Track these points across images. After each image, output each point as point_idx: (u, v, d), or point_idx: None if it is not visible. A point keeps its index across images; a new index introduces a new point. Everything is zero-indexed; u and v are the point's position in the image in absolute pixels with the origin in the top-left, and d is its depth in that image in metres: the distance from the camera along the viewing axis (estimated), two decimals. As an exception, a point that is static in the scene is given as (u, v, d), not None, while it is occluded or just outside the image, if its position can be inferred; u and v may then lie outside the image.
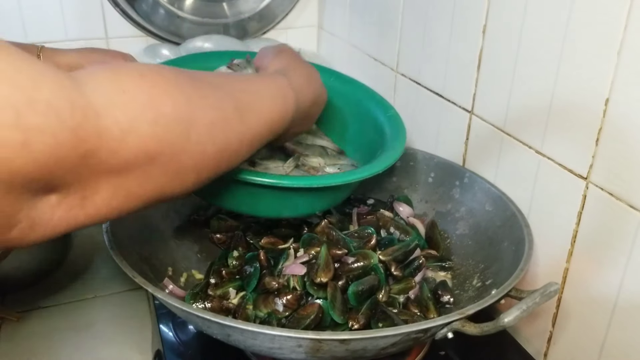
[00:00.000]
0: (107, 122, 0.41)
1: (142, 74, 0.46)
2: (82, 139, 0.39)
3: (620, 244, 0.66)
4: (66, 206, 0.42)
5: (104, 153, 0.41)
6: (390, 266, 0.78)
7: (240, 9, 1.33)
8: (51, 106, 0.37)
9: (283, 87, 0.67)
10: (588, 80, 0.67)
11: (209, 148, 0.51)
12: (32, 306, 0.89)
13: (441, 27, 0.93)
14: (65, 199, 0.41)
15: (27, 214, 0.40)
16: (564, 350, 0.76)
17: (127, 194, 0.45)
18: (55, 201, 0.41)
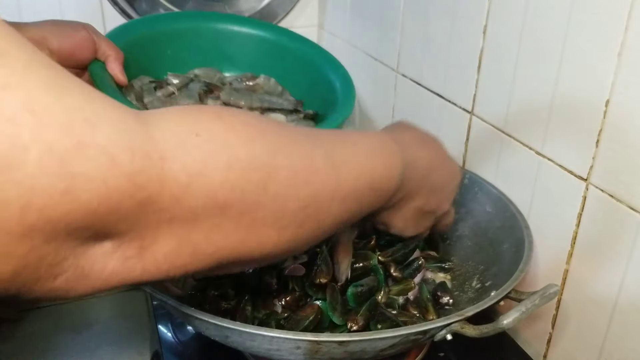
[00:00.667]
0: (173, 167, 0.36)
1: (220, 115, 0.42)
2: (140, 185, 0.35)
3: (621, 246, 0.66)
4: (121, 256, 0.37)
5: (166, 201, 0.36)
6: (389, 267, 0.78)
7: (240, 8, 1.33)
8: (105, 151, 0.33)
9: (386, 140, 0.59)
10: (588, 82, 0.67)
11: (291, 202, 0.45)
12: (31, 306, 0.89)
13: (442, 28, 0.93)
14: (121, 247, 0.37)
15: (75, 263, 0.35)
16: (564, 352, 0.76)
17: (194, 250, 0.40)
18: (110, 249, 0.37)
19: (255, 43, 1.00)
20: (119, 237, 0.36)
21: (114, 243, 0.36)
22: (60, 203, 0.31)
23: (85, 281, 0.37)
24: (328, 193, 0.48)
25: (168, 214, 0.37)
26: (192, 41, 1.05)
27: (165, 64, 1.04)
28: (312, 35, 1.44)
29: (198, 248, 0.40)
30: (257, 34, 0.98)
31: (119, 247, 0.37)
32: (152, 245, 0.38)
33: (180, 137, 0.38)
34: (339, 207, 0.50)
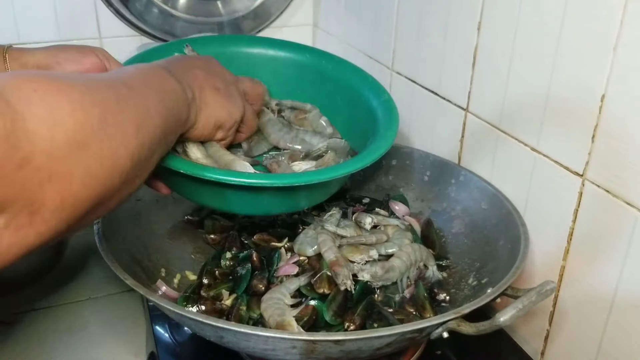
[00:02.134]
0: (33, 123, 0.40)
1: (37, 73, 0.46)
2: (14, 146, 0.38)
3: (617, 241, 0.65)
4: (14, 227, 0.40)
5: (39, 158, 0.40)
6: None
7: (234, 8, 1.32)
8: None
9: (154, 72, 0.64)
10: (584, 77, 0.66)
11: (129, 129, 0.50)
12: (26, 308, 0.88)
13: (436, 25, 0.92)
14: (13, 220, 0.40)
15: None
16: (562, 349, 0.76)
17: (74, 200, 0.44)
18: (3, 224, 0.40)
19: (294, 68, 0.94)
20: (11, 208, 0.39)
21: (7, 216, 0.40)
22: None
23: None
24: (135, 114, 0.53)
25: (46, 172, 0.41)
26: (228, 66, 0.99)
27: None
28: (307, 34, 1.44)
29: (77, 195, 0.44)
30: (294, 58, 0.92)
31: (12, 219, 0.40)
32: (40, 208, 0.41)
33: (26, 96, 0.41)
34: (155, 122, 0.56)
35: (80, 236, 1.02)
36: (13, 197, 0.39)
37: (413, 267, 0.80)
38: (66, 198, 0.43)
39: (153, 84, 0.60)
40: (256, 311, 0.73)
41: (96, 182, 0.46)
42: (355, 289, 0.74)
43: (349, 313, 0.72)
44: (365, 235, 0.82)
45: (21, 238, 0.41)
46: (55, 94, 0.44)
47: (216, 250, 0.87)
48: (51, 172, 0.41)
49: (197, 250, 0.89)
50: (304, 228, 0.85)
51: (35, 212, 0.41)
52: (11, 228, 0.40)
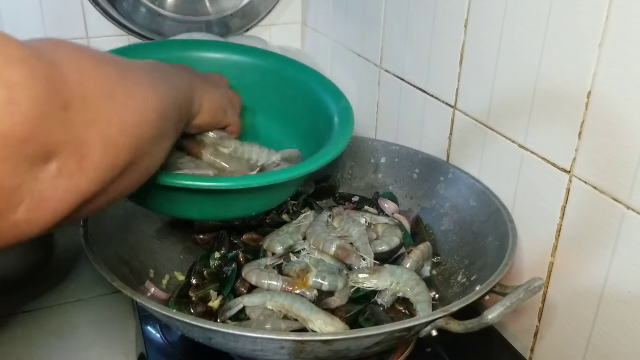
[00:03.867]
0: (64, 69, 0.42)
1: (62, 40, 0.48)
2: (55, 89, 0.40)
3: (605, 237, 0.65)
4: (67, 173, 0.41)
5: (77, 101, 0.42)
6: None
7: (222, 6, 1.32)
8: (24, 61, 0.38)
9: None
10: (570, 73, 0.67)
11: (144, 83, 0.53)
12: (14, 310, 0.88)
13: (423, 22, 0.92)
14: (65, 165, 0.41)
15: (30, 188, 0.39)
16: (551, 345, 0.76)
17: (115, 146, 0.46)
18: (55, 170, 0.41)
19: (256, 73, 0.93)
20: (62, 153, 0.41)
21: (59, 162, 0.41)
22: (8, 114, 0.36)
23: (44, 206, 0.41)
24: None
25: (86, 115, 0.42)
26: None
27: None
28: (295, 32, 1.44)
29: (117, 141, 0.46)
30: (257, 63, 0.92)
31: (63, 164, 0.41)
32: (88, 152, 0.43)
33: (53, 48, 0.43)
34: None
35: (69, 237, 1.02)
36: (63, 139, 0.40)
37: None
38: (108, 143, 0.45)
39: (158, 64, 0.63)
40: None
41: (130, 130, 0.48)
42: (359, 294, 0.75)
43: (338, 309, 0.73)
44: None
45: (74, 185, 0.42)
46: (77, 50, 0.46)
47: (205, 250, 0.87)
48: (90, 115, 0.43)
49: (186, 250, 0.89)
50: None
51: (84, 157, 0.42)
52: (64, 174, 0.41)
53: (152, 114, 0.52)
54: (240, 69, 0.90)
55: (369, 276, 0.75)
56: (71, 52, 0.45)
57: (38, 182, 0.40)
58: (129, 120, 0.48)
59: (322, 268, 0.76)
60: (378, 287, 0.75)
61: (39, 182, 0.40)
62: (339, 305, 0.73)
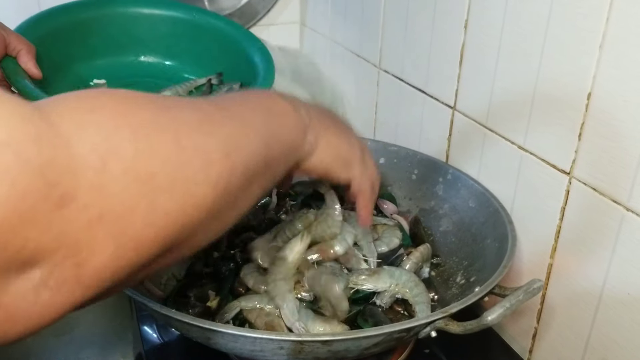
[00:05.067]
0: (82, 151, 0.32)
1: (103, 91, 0.40)
2: (52, 181, 0.30)
3: (604, 239, 0.65)
4: (55, 283, 0.31)
5: (86, 194, 0.31)
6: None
7: (221, 6, 1.32)
8: (10, 146, 0.28)
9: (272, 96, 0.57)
10: (570, 75, 0.66)
11: (213, 152, 0.41)
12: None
13: (423, 23, 0.92)
14: (53, 274, 0.31)
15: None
16: (550, 347, 0.76)
17: (136, 244, 0.35)
18: (39, 279, 0.31)
19: (168, 24, 0.98)
20: (49, 259, 0.31)
21: (44, 270, 0.31)
22: None
23: (13, 322, 0.32)
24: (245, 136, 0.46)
25: (96, 209, 0.32)
26: (102, 29, 1.02)
27: (78, 54, 1.01)
28: (294, 32, 1.44)
29: (140, 238, 0.35)
30: (167, 14, 0.96)
31: (50, 273, 0.31)
32: (90, 257, 0.32)
33: (77, 117, 0.34)
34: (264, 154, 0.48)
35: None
36: (51, 244, 0.30)
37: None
38: (124, 242, 0.34)
39: (257, 105, 0.52)
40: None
41: (164, 219, 0.36)
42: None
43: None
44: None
45: (65, 296, 0.32)
46: (117, 115, 0.36)
47: (203, 250, 0.86)
48: (102, 210, 0.32)
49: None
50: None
51: (83, 262, 0.32)
52: (50, 285, 0.31)
53: (209, 191, 0.40)
54: (152, 21, 0.95)
55: (369, 278, 0.75)
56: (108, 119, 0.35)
57: (9, 293, 0.30)
58: (164, 206, 0.36)
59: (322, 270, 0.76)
60: (377, 288, 0.74)
61: (10, 294, 0.30)
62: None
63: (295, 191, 0.97)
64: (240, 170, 0.43)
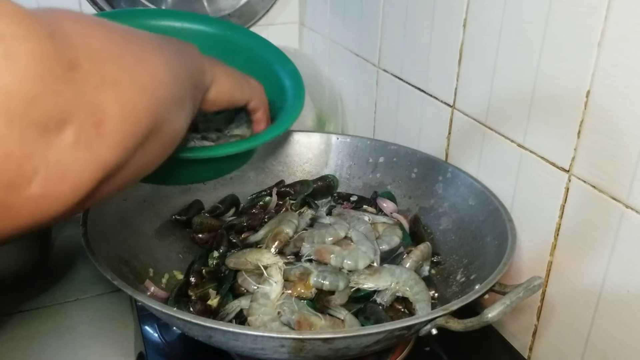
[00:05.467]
0: (67, 30, 0.39)
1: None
2: (60, 47, 0.37)
3: (604, 237, 0.66)
4: (85, 141, 0.38)
5: (84, 62, 0.38)
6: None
7: (220, 6, 1.32)
8: (22, 17, 0.35)
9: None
10: (569, 73, 0.67)
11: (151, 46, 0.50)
12: (13, 310, 0.88)
13: (422, 22, 0.92)
14: (82, 132, 0.37)
15: (45, 158, 0.36)
16: (550, 344, 0.76)
17: (133, 108, 0.43)
18: (72, 137, 0.37)
19: (199, 39, 0.96)
20: (75, 118, 0.37)
21: (74, 128, 0.37)
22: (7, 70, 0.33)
23: (62, 179, 0.37)
24: None
25: (97, 76, 0.39)
26: None
27: None
28: (293, 32, 1.44)
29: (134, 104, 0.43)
30: (199, 28, 0.95)
31: (80, 131, 0.37)
32: (104, 117, 0.39)
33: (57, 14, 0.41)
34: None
35: (67, 237, 1.02)
36: (75, 103, 0.37)
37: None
38: (125, 106, 0.41)
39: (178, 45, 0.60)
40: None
41: (146, 92, 0.45)
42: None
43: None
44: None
45: (95, 154, 0.39)
46: (77, 14, 0.43)
47: (204, 249, 0.87)
48: (101, 76, 0.40)
49: (185, 249, 0.89)
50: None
51: (101, 122, 0.39)
52: (82, 142, 0.38)
53: (166, 75, 0.49)
54: (184, 36, 0.94)
55: (370, 277, 0.75)
56: (72, 15, 0.42)
57: (53, 150, 0.36)
58: (143, 81, 0.45)
59: (323, 268, 0.76)
60: (379, 287, 0.75)
61: (55, 151, 0.36)
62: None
63: (295, 190, 0.97)
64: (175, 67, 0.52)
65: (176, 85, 0.51)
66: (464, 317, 0.62)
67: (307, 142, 1.03)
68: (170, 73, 0.50)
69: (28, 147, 0.35)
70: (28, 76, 0.34)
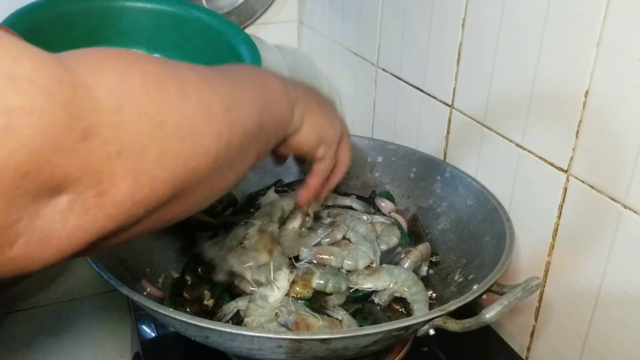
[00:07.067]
0: (99, 93, 0.36)
1: (113, 49, 0.42)
2: (76, 115, 0.33)
3: (602, 237, 0.65)
4: (80, 208, 0.35)
5: (106, 131, 0.35)
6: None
7: (218, 4, 1.32)
8: (35, 82, 0.32)
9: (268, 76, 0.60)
10: (568, 72, 0.66)
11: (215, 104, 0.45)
12: (10, 309, 0.87)
13: (421, 21, 0.92)
14: (78, 200, 0.35)
15: (31, 225, 0.33)
16: (548, 345, 0.76)
17: (150, 179, 0.39)
18: (66, 204, 0.35)
19: (151, 16, 0.97)
20: (75, 187, 0.35)
21: (70, 196, 0.35)
22: (3, 144, 0.30)
23: (46, 244, 0.35)
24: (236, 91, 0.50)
25: (114, 145, 0.36)
26: (86, 22, 1.01)
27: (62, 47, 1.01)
28: (292, 31, 1.44)
29: (153, 176, 0.39)
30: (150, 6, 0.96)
31: (76, 199, 0.35)
32: (110, 188, 0.36)
33: (91, 63, 0.38)
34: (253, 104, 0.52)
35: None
36: (76, 173, 0.34)
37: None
38: (139, 177, 0.38)
39: (251, 75, 0.56)
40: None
41: (174, 162, 0.40)
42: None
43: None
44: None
45: (88, 222, 0.36)
46: (126, 64, 0.40)
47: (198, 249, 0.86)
48: (120, 146, 0.36)
49: (182, 249, 0.88)
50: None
51: (105, 192, 0.36)
52: (76, 210, 0.35)
53: (213, 142, 0.44)
54: (136, 13, 0.95)
55: (369, 277, 0.75)
56: (119, 67, 0.39)
57: (41, 217, 0.34)
58: (175, 151, 0.40)
59: (324, 270, 0.76)
60: (377, 287, 0.74)
61: (43, 218, 0.34)
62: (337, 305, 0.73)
63: (294, 189, 0.97)
64: (239, 127, 0.48)
65: (231, 146, 0.47)
66: (461, 317, 0.62)
67: (305, 142, 1.03)
68: (225, 136, 0.45)
69: (13, 216, 0.33)
70: (27, 150, 0.31)
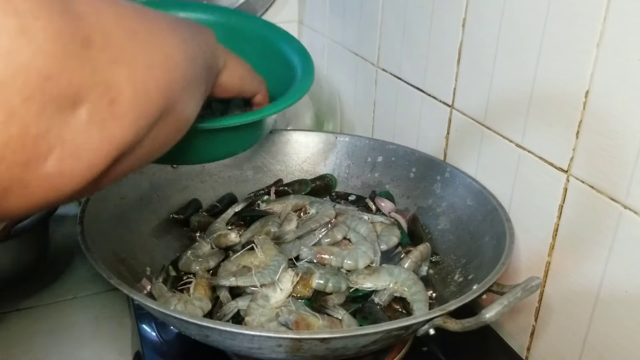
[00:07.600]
0: (79, 5, 0.38)
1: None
2: (73, 23, 0.36)
3: (602, 237, 0.66)
4: (99, 120, 0.38)
5: (97, 39, 0.38)
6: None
7: (219, 4, 1.32)
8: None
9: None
10: (568, 73, 0.67)
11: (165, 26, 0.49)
12: (9, 308, 0.87)
13: (421, 21, 0.92)
14: (95, 110, 0.38)
15: (60, 135, 0.36)
16: (547, 345, 0.76)
17: (145, 89, 0.42)
18: (86, 116, 0.37)
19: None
20: (90, 95, 0.37)
21: (88, 106, 0.37)
22: (22, 45, 0.33)
23: (78, 156, 0.37)
24: None
25: (109, 53, 0.39)
26: None
27: None
28: (292, 31, 1.43)
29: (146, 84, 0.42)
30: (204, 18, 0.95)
31: (93, 109, 0.37)
32: (118, 96, 0.39)
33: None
34: None
35: (64, 235, 1.02)
36: (89, 81, 0.37)
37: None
38: (137, 85, 0.41)
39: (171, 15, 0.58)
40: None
41: (158, 71, 0.44)
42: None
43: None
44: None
45: (109, 133, 0.39)
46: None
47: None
48: (114, 55, 0.39)
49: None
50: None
51: (114, 100, 0.39)
52: (96, 121, 0.38)
53: (180, 55, 0.49)
54: None
55: (369, 277, 0.75)
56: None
57: (68, 129, 0.36)
58: (156, 60, 0.44)
59: (324, 270, 0.76)
60: (377, 287, 0.75)
61: (70, 130, 0.36)
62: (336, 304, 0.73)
63: (294, 189, 0.97)
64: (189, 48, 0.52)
65: (190, 65, 0.51)
66: (461, 317, 0.62)
67: (305, 141, 1.03)
68: (184, 53, 0.50)
69: (44, 125, 0.35)
70: (44, 53, 0.34)
